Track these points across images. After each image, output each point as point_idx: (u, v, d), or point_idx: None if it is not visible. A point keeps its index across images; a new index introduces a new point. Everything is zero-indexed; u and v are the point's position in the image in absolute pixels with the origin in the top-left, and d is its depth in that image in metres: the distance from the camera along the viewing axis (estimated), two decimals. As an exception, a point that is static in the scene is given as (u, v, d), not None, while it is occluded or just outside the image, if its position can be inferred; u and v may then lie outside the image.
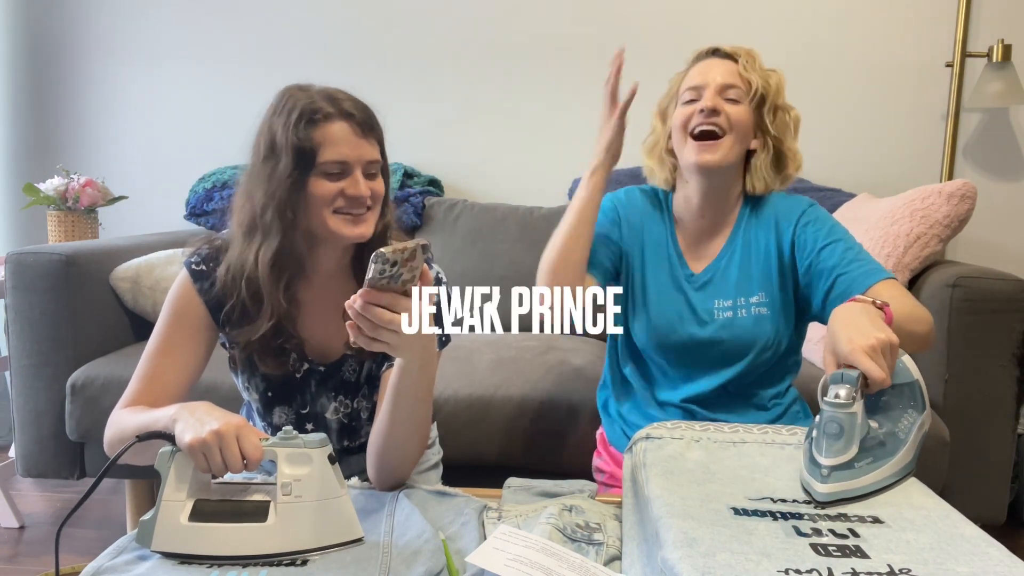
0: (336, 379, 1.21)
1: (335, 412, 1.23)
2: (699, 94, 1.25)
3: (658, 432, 1.02)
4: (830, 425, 0.83)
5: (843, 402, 0.83)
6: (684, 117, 1.25)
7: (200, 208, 2.46)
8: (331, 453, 0.90)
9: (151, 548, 0.88)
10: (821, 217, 1.28)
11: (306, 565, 0.86)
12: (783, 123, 1.28)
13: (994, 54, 2.28)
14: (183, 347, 1.14)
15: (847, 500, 0.82)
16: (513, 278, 2.36)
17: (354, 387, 1.23)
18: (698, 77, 1.27)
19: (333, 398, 1.22)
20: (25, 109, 2.78)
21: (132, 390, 1.12)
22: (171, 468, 0.89)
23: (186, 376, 1.14)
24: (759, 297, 1.27)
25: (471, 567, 0.82)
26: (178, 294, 1.15)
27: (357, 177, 1.08)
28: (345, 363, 1.21)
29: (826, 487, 0.82)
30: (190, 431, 0.89)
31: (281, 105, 1.11)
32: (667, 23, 2.49)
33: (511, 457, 1.61)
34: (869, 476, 0.84)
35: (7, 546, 1.99)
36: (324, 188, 1.08)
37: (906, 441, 0.88)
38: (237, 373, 1.23)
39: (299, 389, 1.20)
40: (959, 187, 1.75)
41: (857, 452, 0.83)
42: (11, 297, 1.81)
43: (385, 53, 2.62)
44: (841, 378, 0.84)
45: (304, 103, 1.08)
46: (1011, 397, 1.59)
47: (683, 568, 0.67)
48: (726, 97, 1.24)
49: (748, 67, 1.25)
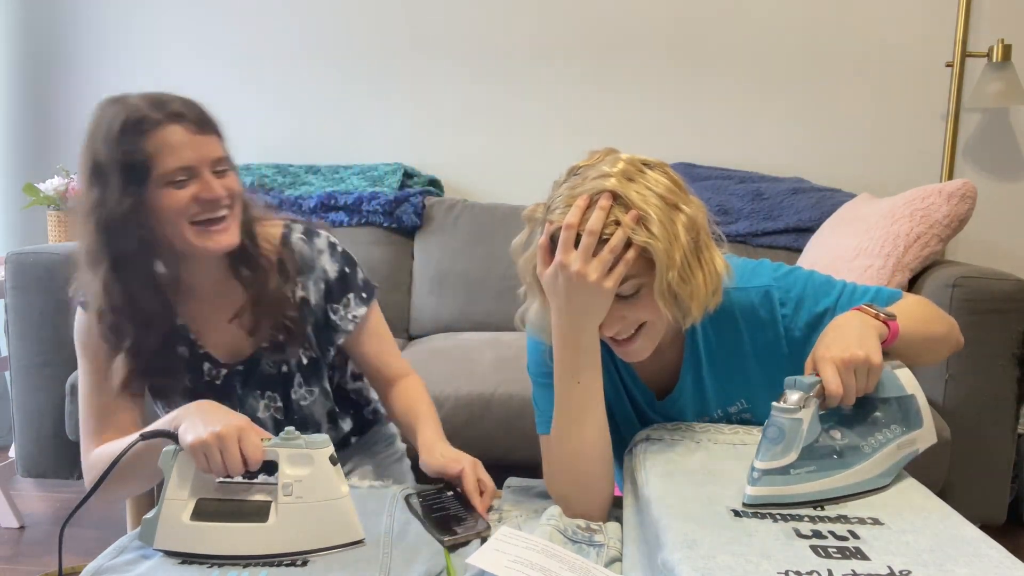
0: (257, 375, 1.16)
1: (265, 410, 1.18)
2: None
3: (658, 433, 1.02)
4: (771, 429, 0.82)
5: (788, 407, 0.81)
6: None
7: (200, 208, 2.45)
8: (333, 454, 0.90)
9: (153, 546, 0.88)
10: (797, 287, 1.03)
11: (306, 565, 0.86)
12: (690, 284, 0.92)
13: (994, 54, 2.28)
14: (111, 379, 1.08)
15: (775, 505, 0.81)
16: (513, 278, 2.36)
17: (282, 380, 1.18)
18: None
19: (260, 396, 1.18)
20: (25, 109, 2.78)
21: (91, 430, 1.08)
22: (174, 467, 0.90)
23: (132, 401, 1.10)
24: (738, 406, 1.08)
25: (472, 568, 0.82)
26: (80, 331, 1.10)
27: (207, 179, 1.01)
28: (261, 358, 1.16)
29: (753, 490, 0.81)
30: (191, 431, 0.89)
31: (98, 122, 1.01)
32: (667, 24, 2.49)
33: (511, 456, 1.61)
34: (805, 485, 0.81)
35: (7, 546, 1.99)
36: (173, 198, 0.99)
37: (871, 456, 0.85)
38: (156, 403, 1.17)
39: (225, 397, 1.12)
40: (959, 187, 1.75)
41: (797, 459, 0.81)
42: (11, 297, 1.81)
43: (385, 53, 2.62)
44: (795, 383, 0.83)
45: (125, 114, 0.98)
46: (1011, 397, 1.59)
47: (683, 570, 0.67)
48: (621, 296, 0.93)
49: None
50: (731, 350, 1.05)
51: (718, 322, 1.03)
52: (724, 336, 1.05)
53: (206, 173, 1.01)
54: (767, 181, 2.33)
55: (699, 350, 1.06)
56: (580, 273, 0.89)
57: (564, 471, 0.99)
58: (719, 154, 2.42)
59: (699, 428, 1.04)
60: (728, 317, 1.03)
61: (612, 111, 2.54)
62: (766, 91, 2.49)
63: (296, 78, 2.65)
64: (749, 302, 1.03)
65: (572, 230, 0.90)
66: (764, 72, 2.48)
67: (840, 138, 2.47)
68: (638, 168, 0.93)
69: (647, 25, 2.50)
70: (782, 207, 2.24)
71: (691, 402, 1.08)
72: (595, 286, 0.90)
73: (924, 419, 0.90)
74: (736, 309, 1.03)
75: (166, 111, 0.99)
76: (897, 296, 1.03)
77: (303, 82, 2.65)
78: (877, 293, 1.03)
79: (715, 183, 2.33)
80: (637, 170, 0.93)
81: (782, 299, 1.03)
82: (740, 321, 1.04)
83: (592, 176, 0.92)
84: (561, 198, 0.94)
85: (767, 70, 2.48)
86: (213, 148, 1.03)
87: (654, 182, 0.92)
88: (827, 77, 2.46)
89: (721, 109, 2.50)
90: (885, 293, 1.04)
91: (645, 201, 0.90)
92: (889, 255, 1.72)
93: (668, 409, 1.08)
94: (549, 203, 0.97)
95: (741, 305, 1.03)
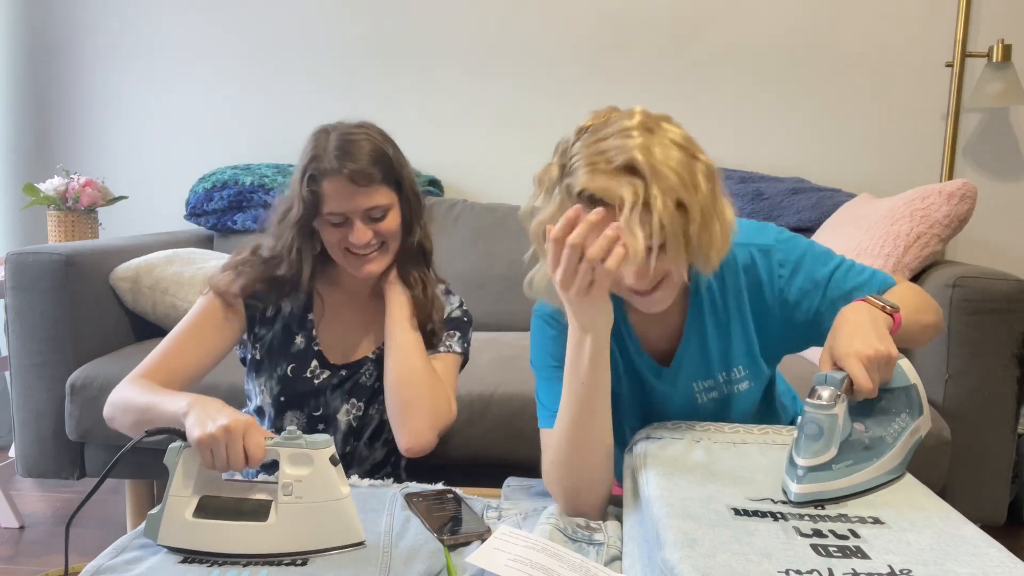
0: (352, 382, 1.29)
1: (346, 414, 1.29)
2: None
3: (658, 432, 1.02)
4: (810, 426, 0.83)
5: (824, 403, 0.83)
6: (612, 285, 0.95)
7: (200, 208, 2.45)
8: (334, 455, 0.90)
9: (157, 541, 0.89)
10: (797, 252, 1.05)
11: (306, 565, 0.86)
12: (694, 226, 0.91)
13: (994, 54, 2.28)
14: (210, 335, 1.23)
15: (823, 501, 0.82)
16: (513, 278, 2.36)
17: (369, 392, 1.30)
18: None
19: (346, 400, 1.29)
20: (25, 109, 2.78)
21: (149, 362, 1.19)
22: (179, 463, 0.90)
23: (202, 363, 1.22)
24: (738, 371, 1.08)
25: (472, 567, 0.82)
26: (219, 287, 1.24)
27: (357, 227, 1.18)
28: (363, 366, 1.29)
29: (800, 487, 0.82)
30: (199, 427, 0.91)
31: (305, 150, 1.21)
32: (667, 24, 2.49)
33: (511, 456, 1.61)
34: (847, 479, 0.83)
35: (7, 546, 1.99)
36: (330, 234, 1.21)
37: (893, 445, 0.87)
38: (253, 376, 1.30)
39: (314, 394, 1.28)
40: (959, 187, 1.75)
41: (837, 454, 0.83)
42: (11, 297, 1.81)
43: (385, 53, 2.62)
44: (825, 380, 0.84)
45: (313, 155, 1.19)
46: (1011, 397, 1.59)
47: (683, 568, 0.67)
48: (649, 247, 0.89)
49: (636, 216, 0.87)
50: (733, 309, 1.06)
51: (722, 279, 1.05)
52: (727, 293, 1.06)
53: (356, 222, 1.18)
54: (767, 181, 2.33)
55: (703, 309, 1.06)
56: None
57: (565, 465, 0.98)
58: (719, 154, 2.36)
59: (699, 427, 1.04)
60: (732, 273, 1.05)
61: (612, 111, 2.54)
62: (766, 91, 2.49)
63: (296, 78, 2.65)
64: (751, 258, 1.05)
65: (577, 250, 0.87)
66: (764, 72, 2.48)
67: (840, 138, 2.47)
68: (654, 119, 0.93)
69: (647, 25, 2.50)
70: (782, 207, 2.24)
71: (694, 365, 1.07)
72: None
73: (924, 407, 0.92)
74: (739, 264, 1.05)
75: (339, 163, 1.16)
76: (891, 282, 1.04)
77: (303, 82, 2.65)
78: (872, 276, 1.05)
79: (715, 183, 2.33)
80: (654, 122, 0.92)
81: (782, 260, 1.04)
82: (742, 277, 1.05)
83: (613, 133, 0.91)
84: (580, 157, 0.92)
85: (767, 70, 2.48)
86: (368, 200, 1.18)
87: (672, 132, 0.92)
88: (827, 77, 2.46)
89: (721, 109, 2.50)
90: (880, 277, 1.05)
91: (667, 157, 0.89)
92: (889, 255, 1.72)
93: (673, 376, 1.08)
94: (564, 163, 0.94)
95: (744, 261, 1.05)
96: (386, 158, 1.20)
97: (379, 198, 1.19)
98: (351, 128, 1.21)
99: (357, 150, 1.17)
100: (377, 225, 1.20)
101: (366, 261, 1.21)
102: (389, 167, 1.20)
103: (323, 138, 1.20)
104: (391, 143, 1.24)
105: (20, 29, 2.75)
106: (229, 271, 1.26)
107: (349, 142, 1.18)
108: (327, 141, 1.19)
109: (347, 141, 1.18)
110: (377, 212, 1.19)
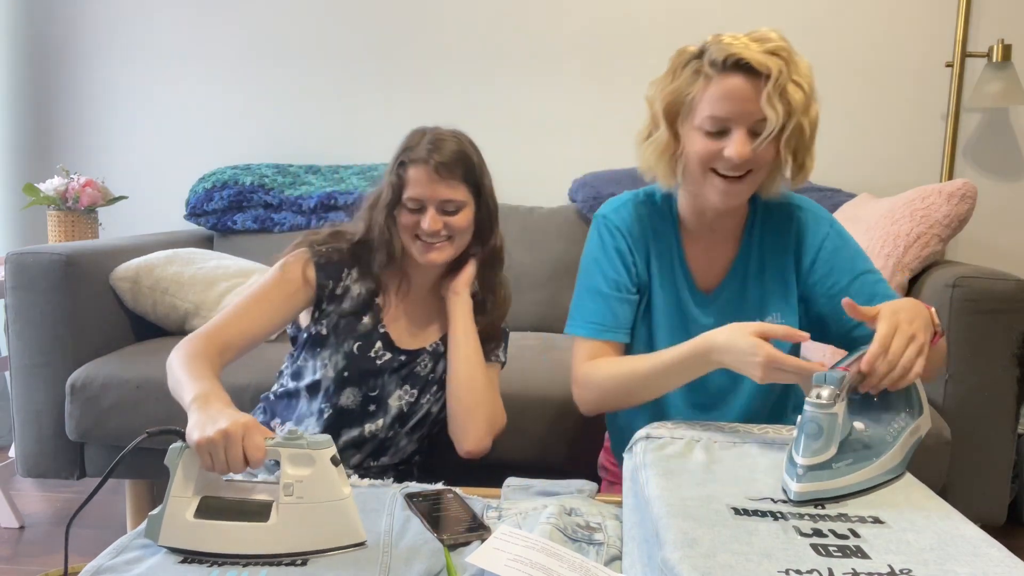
0: (408, 369, 1.37)
1: (398, 399, 1.36)
2: (724, 127, 1.09)
3: (658, 432, 1.02)
4: (809, 425, 0.83)
5: (824, 402, 0.83)
6: (708, 153, 1.10)
7: (200, 208, 2.45)
8: (335, 455, 0.90)
9: (158, 542, 0.88)
10: (846, 241, 1.20)
11: (306, 565, 0.86)
12: (805, 134, 1.10)
13: (994, 54, 2.28)
14: (278, 305, 1.29)
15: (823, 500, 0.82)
16: (513, 278, 2.36)
17: (423, 382, 1.38)
18: (724, 107, 1.07)
19: (400, 386, 1.36)
20: (25, 109, 2.78)
21: (216, 323, 1.24)
22: (179, 464, 0.90)
23: (264, 329, 1.27)
24: (773, 318, 1.18)
25: (471, 567, 0.82)
26: (294, 260, 1.32)
27: (430, 213, 1.27)
28: (420, 356, 1.37)
29: (800, 486, 0.82)
30: (198, 429, 0.91)
31: (401, 145, 1.34)
32: (667, 24, 2.49)
33: (511, 456, 1.61)
34: (847, 478, 0.83)
35: (7, 546, 1.99)
36: (405, 218, 1.30)
37: (893, 444, 0.87)
38: (316, 352, 1.34)
39: (374, 374, 1.34)
40: (959, 187, 1.75)
41: (836, 453, 0.83)
42: (11, 297, 1.81)
43: (385, 53, 2.62)
44: (825, 379, 0.84)
45: (407, 146, 1.31)
46: (1011, 397, 1.59)
47: (683, 568, 0.67)
48: (757, 132, 1.08)
49: (778, 90, 1.05)
50: (777, 260, 1.19)
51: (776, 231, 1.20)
52: (776, 245, 1.20)
53: (431, 209, 1.28)
54: (767, 181, 2.33)
55: (751, 254, 1.20)
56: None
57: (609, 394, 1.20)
58: (719, 154, 2.42)
59: (700, 427, 1.04)
60: (785, 227, 1.20)
61: (613, 111, 2.54)
62: (766, 91, 2.49)
63: (296, 78, 2.65)
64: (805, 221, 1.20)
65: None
66: (764, 72, 2.48)
67: (840, 138, 2.46)
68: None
69: (647, 25, 2.50)
70: (782, 207, 2.24)
71: (733, 299, 1.20)
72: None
73: (924, 406, 0.92)
74: (794, 222, 1.20)
75: (427, 153, 1.27)
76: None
77: (303, 82, 2.65)
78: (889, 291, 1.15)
79: (715, 183, 2.33)
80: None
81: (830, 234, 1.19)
82: (791, 235, 1.19)
83: (757, 32, 1.12)
84: (727, 38, 1.10)
85: (767, 70, 2.48)
86: (447, 191, 1.28)
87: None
88: (828, 77, 2.45)
89: (721, 109, 2.50)
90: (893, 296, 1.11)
91: (802, 62, 1.10)
92: (889, 255, 1.72)
93: (711, 303, 1.21)
94: (703, 47, 1.13)
95: (800, 221, 1.20)
96: (469, 161, 1.31)
97: (456, 193, 1.29)
98: (445, 131, 1.34)
99: (445, 147, 1.29)
100: (449, 218, 1.29)
101: (432, 249, 1.29)
102: (471, 169, 1.31)
103: (418, 134, 1.33)
104: (477, 151, 1.35)
105: (20, 29, 2.75)
106: (305, 248, 1.34)
107: (440, 140, 1.30)
108: (422, 137, 1.32)
109: (439, 139, 1.30)
110: (451, 206, 1.29)
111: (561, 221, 2.36)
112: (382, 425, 1.35)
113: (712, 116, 1.08)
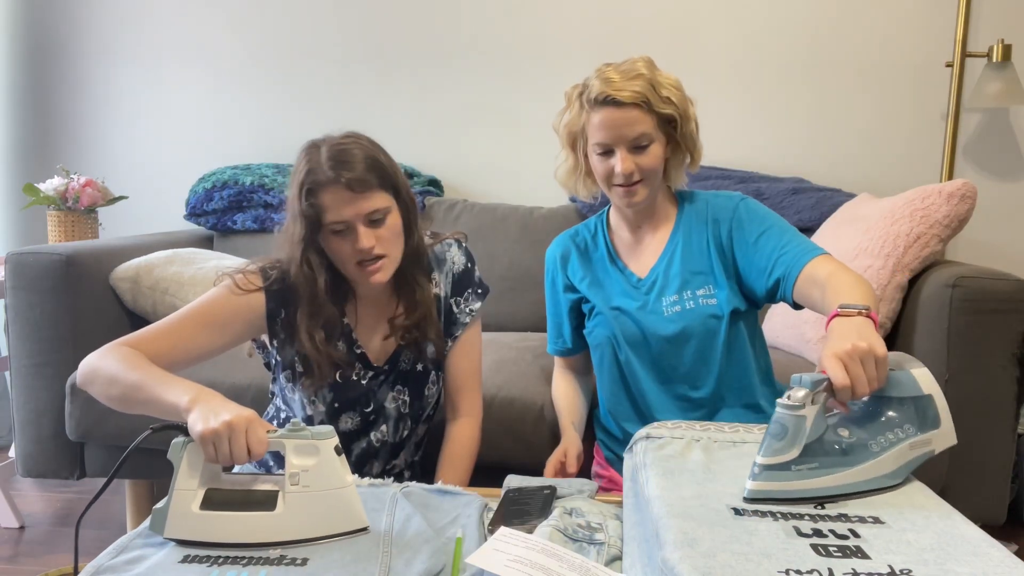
0: (395, 373, 1.34)
1: (393, 401, 1.35)
2: (608, 148, 1.28)
3: (658, 432, 1.02)
4: (775, 425, 0.83)
5: (792, 403, 0.82)
6: (604, 171, 1.30)
7: (200, 208, 2.45)
8: (337, 444, 0.93)
9: (164, 535, 0.90)
10: (753, 209, 1.33)
11: (306, 564, 0.86)
12: (688, 129, 1.32)
13: (994, 54, 2.28)
14: (219, 327, 1.22)
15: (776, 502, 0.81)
16: (513, 278, 2.37)
17: (412, 377, 1.35)
18: (604, 134, 1.27)
19: (391, 389, 1.34)
20: (25, 109, 2.78)
21: (144, 334, 1.17)
22: (183, 457, 0.92)
23: (199, 352, 1.21)
24: (705, 290, 1.31)
25: (471, 567, 0.82)
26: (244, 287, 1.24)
27: (360, 231, 1.19)
28: (400, 355, 1.34)
29: (754, 484, 0.82)
30: (201, 422, 0.92)
31: (297, 166, 1.22)
32: (665, 23, 2.49)
33: (511, 458, 1.61)
34: (806, 481, 0.82)
35: (7, 546, 1.99)
36: (337, 246, 1.21)
37: (879, 455, 0.85)
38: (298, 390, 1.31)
39: (364, 394, 1.32)
40: (959, 187, 1.75)
41: (800, 456, 0.82)
42: (11, 297, 1.81)
43: (385, 53, 2.62)
44: (801, 381, 0.84)
45: (307, 169, 1.19)
46: (1011, 397, 1.59)
47: (683, 568, 0.67)
48: (637, 146, 1.27)
49: (651, 107, 1.26)
50: (700, 243, 1.34)
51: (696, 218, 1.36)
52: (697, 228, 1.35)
53: (359, 227, 1.19)
54: (767, 181, 2.33)
55: (678, 239, 1.35)
56: None
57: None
58: (719, 154, 2.42)
59: (699, 427, 1.04)
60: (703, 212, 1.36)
61: (612, 111, 2.54)
62: (766, 91, 2.49)
63: (296, 78, 2.65)
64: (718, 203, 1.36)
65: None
66: (764, 72, 2.48)
67: (840, 138, 2.46)
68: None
69: (647, 25, 2.50)
70: (782, 207, 2.23)
71: (662, 280, 1.35)
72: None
73: (943, 420, 0.90)
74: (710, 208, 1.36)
75: (334, 173, 1.17)
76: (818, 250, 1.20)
77: (303, 82, 2.65)
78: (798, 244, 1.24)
79: (715, 183, 2.33)
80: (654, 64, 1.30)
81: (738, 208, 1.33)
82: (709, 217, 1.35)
83: (622, 62, 1.28)
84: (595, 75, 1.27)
85: (767, 70, 2.48)
86: (368, 204, 1.19)
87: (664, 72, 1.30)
88: (827, 77, 2.46)
89: (721, 109, 2.50)
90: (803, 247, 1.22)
91: (664, 75, 1.29)
92: (889, 255, 1.72)
93: (645, 284, 1.37)
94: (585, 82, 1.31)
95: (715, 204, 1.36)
96: (380, 164, 1.22)
97: (378, 202, 1.20)
98: (340, 139, 1.22)
99: (351, 158, 1.18)
100: (379, 229, 1.21)
101: (373, 271, 1.22)
102: (384, 173, 1.22)
103: (314, 152, 1.20)
104: (382, 150, 1.25)
105: (20, 29, 2.75)
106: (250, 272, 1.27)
107: (342, 151, 1.19)
108: (319, 154, 1.19)
109: (340, 151, 1.19)
110: (377, 215, 1.21)
111: (561, 221, 2.36)
112: (387, 430, 1.35)
113: (598, 143, 1.29)
